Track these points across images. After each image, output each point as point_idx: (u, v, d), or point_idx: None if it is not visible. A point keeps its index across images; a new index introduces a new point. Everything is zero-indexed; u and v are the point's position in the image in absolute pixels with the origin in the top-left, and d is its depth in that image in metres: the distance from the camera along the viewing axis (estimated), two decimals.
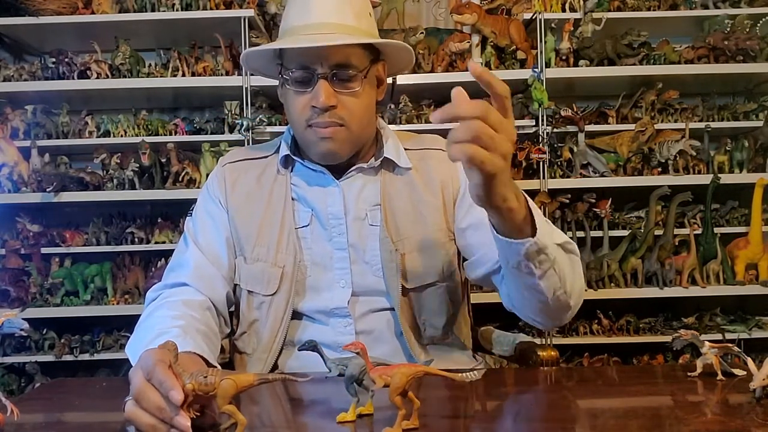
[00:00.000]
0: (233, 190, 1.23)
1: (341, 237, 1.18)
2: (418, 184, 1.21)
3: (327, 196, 1.20)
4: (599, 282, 2.37)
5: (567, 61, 2.41)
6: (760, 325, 2.40)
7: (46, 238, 2.43)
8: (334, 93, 1.11)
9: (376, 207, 1.19)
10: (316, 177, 1.21)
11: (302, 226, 1.20)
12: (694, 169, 2.40)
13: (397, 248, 1.16)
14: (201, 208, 1.26)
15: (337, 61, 1.10)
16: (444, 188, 1.22)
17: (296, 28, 1.12)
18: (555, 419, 0.84)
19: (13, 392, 2.31)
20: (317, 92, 1.10)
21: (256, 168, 1.25)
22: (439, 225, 1.20)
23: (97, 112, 2.56)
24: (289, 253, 1.17)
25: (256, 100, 2.42)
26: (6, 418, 0.75)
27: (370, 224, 1.19)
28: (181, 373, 0.73)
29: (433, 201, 1.20)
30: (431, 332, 1.19)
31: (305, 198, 1.21)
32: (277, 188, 1.21)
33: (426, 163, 1.23)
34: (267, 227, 1.19)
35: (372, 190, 1.21)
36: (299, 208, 1.21)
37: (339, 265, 1.18)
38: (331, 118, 1.12)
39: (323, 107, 1.10)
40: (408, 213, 1.19)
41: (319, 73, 1.10)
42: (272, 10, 2.52)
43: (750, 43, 2.36)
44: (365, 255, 1.18)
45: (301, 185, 1.22)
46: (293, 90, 1.14)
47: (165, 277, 1.24)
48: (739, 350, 0.93)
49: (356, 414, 0.76)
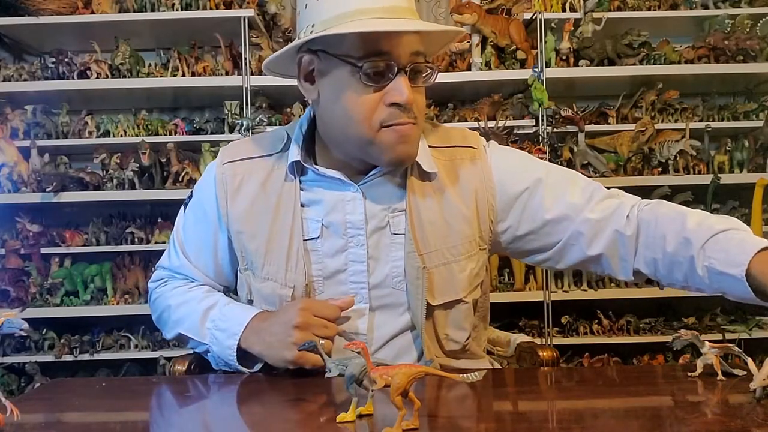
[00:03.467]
0: (235, 199, 1.09)
1: (360, 248, 1.05)
2: (447, 189, 1.08)
3: (345, 203, 1.06)
4: (599, 282, 2.37)
5: (567, 61, 2.41)
6: (760, 325, 2.40)
7: (46, 238, 2.43)
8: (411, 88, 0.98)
9: (400, 213, 1.07)
10: (331, 183, 1.07)
11: (312, 238, 1.07)
12: (694, 169, 2.40)
13: (425, 264, 1.04)
14: (192, 216, 1.16)
15: (415, 50, 0.98)
16: (478, 196, 1.09)
17: (365, 11, 0.95)
18: (555, 419, 0.84)
19: (13, 392, 2.31)
20: (400, 87, 0.96)
21: (261, 170, 1.09)
22: (469, 237, 1.09)
23: (97, 112, 2.56)
24: (299, 273, 1.05)
25: (256, 100, 2.42)
26: (6, 418, 0.75)
27: (393, 232, 1.06)
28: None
29: (464, 210, 1.08)
30: (452, 346, 1.10)
31: (318, 206, 1.07)
32: (285, 197, 1.07)
33: (455, 165, 1.10)
34: (275, 242, 1.06)
35: (396, 194, 1.07)
36: (308, 216, 1.07)
37: (354, 279, 1.06)
38: (410, 118, 0.99)
39: (408, 103, 0.97)
40: (437, 223, 1.06)
41: (399, 65, 0.96)
42: (272, 10, 2.52)
43: (750, 43, 2.36)
44: (386, 267, 1.06)
45: (314, 191, 1.08)
46: (363, 84, 0.96)
47: (162, 270, 1.22)
48: (739, 350, 0.93)
49: (356, 414, 0.76)
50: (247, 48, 2.36)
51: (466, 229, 1.08)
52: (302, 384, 1.03)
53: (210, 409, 0.94)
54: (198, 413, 0.92)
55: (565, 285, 2.35)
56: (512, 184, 1.10)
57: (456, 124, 2.43)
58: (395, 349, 1.08)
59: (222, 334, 1.05)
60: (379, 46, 0.95)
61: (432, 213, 1.07)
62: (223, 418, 0.88)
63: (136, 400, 0.96)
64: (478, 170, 1.10)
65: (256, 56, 2.43)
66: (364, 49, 0.96)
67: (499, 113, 2.44)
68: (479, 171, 1.10)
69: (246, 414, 0.87)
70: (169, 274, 1.20)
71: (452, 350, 1.10)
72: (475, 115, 2.44)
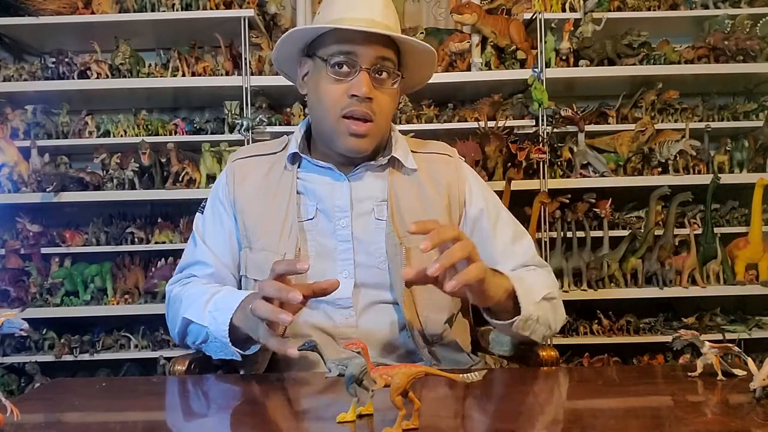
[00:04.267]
0: (242, 186, 1.26)
1: (345, 230, 1.21)
2: (424, 183, 1.26)
3: (335, 190, 1.23)
4: (599, 282, 2.37)
5: (567, 61, 2.41)
6: (760, 325, 2.40)
7: (46, 238, 2.43)
8: (372, 86, 1.15)
9: (383, 202, 1.23)
10: (324, 173, 1.25)
11: (307, 219, 1.22)
12: (694, 169, 2.40)
13: (402, 242, 1.19)
14: (210, 210, 1.30)
15: (380, 54, 1.16)
16: (450, 190, 1.27)
17: (344, 20, 1.15)
18: (555, 419, 0.84)
19: (13, 392, 2.31)
20: (359, 81, 1.14)
21: (265, 164, 1.28)
22: (444, 223, 1.21)
23: (97, 112, 2.56)
24: (291, 242, 1.19)
25: (256, 100, 2.42)
26: (6, 418, 0.75)
27: (377, 218, 1.22)
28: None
29: (439, 200, 1.25)
30: (432, 329, 1.20)
31: (312, 192, 1.24)
32: (283, 183, 1.25)
33: (432, 165, 1.29)
34: (272, 219, 1.22)
35: (379, 187, 1.25)
36: (305, 201, 1.24)
37: (342, 257, 1.20)
38: (366, 109, 1.15)
39: (364, 96, 1.14)
40: (414, 209, 1.23)
41: (362, 64, 1.15)
42: (272, 10, 2.53)
43: (750, 43, 2.36)
44: (370, 248, 1.20)
45: (309, 180, 1.25)
46: (332, 77, 1.16)
47: (180, 272, 1.29)
48: (739, 350, 0.93)
49: (356, 414, 0.76)
50: (247, 48, 2.36)
51: (443, 217, 1.24)
52: (302, 384, 1.03)
53: (210, 409, 0.94)
54: (198, 413, 0.93)
55: (565, 285, 2.35)
56: (476, 198, 1.28)
57: (456, 125, 2.43)
58: (378, 314, 1.20)
59: (218, 312, 1.09)
60: (346, 46, 1.15)
61: (410, 202, 1.24)
62: (223, 418, 0.88)
63: (136, 400, 0.96)
64: (452, 169, 1.30)
65: (256, 56, 2.43)
66: (334, 48, 1.16)
67: (499, 113, 2.44)
68: (453, 170, 1.29)
69: (246, 414, 0.87)
70: (187, 273, 1.27)
71: (432, 334, 1.20)
72: (475, 115, 2.44)
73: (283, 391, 0.99)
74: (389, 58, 1.18)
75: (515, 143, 2.36)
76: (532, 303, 1.09)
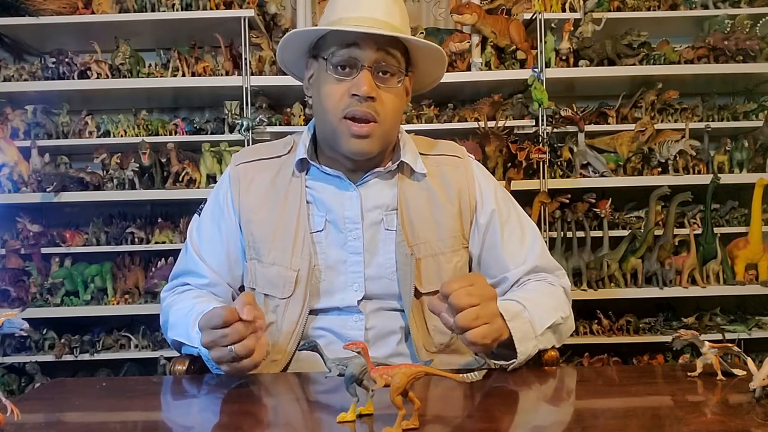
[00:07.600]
0: (248, 192, 1.22)
1: (356, 242, 1.18)
2: (434, 189, 1.22)
3: (344, 200, 1.19)
4: (599, 282, 2.37)
5: (567, 61, 2.41)
6: (760, 325, 2.40)
7: (46, 238, 2.43)
8: (375, 86, 1.12)
9: (392, 211, 1.20)
10: (332, 181, 1.21)
11: (317, 231, 1.19)
12: (694, 169, 2.40)
13: (413, 252, 1.17)
14: (209, 215, 1.27)
15: (383, 53, 1.12)
16: (461, 196, 1.24)
17: (347, 20, 1.12)
18: (555, 419, 0.84)
19: (13, 392, 2.31)
20: (360, 80, 1.10)
21: (271, 169, 1.24)
22: (454, 231, 1.22)
23: (97, 112, 2.56)
24: (304, 258, 1.16)
25: (256, 100, 2.42)
26: (6, 418, 0.75)
27: (386, 228, 1.19)
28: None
29: (449, 207, 1.22)
30: (439, 338, 1.19)
31: (321, 202, 1.20)
32: (292, 191, 1.20)
33: (442, 169, 1.25)
34: (282, 231, 1.18)
35: (389, 195, 1.21)
36: (314, 212, 1.20)
37: (352, 269, 1.18)
38: (368, 109, 1.12)
39: (365, 95, 1.10)
40: (425, 218, 1.20)
41: (364, 63, 1.11)
42: (272, 10, 2.53)
43: (750, 43, 2.36)
44: (379, 259, 1.18)
45: (317, 188, 1.21)
46: (333, 77, 1.13)
47: (174, 278, 1.28)
48: (739, 350, 0.93)
49: (356, 414, 0.76)
50: (247, 48, 2.36)
51: (452, 224, 1.21)
52: (302, 384, 1.03)
53: (210, 409, 0.94)
54: (198, 413, 0.93)
55: None
56: (487, 201, 1.25)
57: (456, 125, 2.43)
58: (386, 321, 1.18)
59: (197, 334, 1.06)
60: (347, 45, 1.11)
61: (421, 209, 1.20)
62: (222, 418, 0.88)
63: (136, 400, 0.96)
64: (462, 173, 1.25)
65: (256, 56, 2.43)
66: (335, 48, 1.13)
67: (499, 113, 2.45)
68: (463, 174, 1.25)
69: (246, 414, 0.87)
70: (182, 281, 1.26)
71: (440, 342, 1.18)
72: (474, 115, 2.44)
73: (283, 391, 0.99)
74: (393, 56, 1.14)
75: (515, 143, 2.37)
76: (532, 339, 1.06)
